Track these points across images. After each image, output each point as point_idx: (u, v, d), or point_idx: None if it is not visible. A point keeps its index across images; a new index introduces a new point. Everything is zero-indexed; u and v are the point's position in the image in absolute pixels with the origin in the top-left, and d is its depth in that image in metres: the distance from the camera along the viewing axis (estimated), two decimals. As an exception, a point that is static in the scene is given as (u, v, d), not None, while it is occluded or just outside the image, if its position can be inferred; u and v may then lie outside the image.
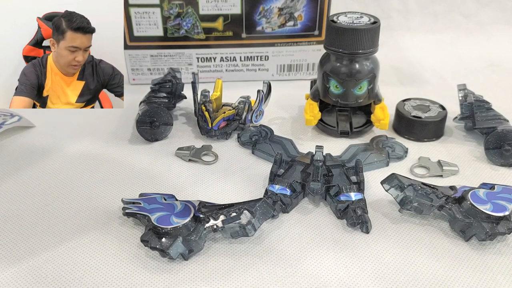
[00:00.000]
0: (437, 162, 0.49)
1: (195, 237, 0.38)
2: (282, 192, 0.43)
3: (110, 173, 0.48)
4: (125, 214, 0.40)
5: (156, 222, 0.38)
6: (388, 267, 0.37)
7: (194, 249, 0.38)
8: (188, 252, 0.37)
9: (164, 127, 0.53)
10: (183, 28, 0.63)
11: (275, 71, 0.68)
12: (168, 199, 0.41)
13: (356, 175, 0.45)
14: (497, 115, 0.52)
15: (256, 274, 0.36)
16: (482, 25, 0.81)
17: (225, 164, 0.50)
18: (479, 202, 0.39)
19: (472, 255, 0.38)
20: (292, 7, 0.62)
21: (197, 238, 0.38)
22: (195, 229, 0.38)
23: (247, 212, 0.38)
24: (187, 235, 0.37)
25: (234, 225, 0.38)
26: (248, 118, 0.54)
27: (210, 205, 0.41)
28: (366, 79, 0.51)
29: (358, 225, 0.40)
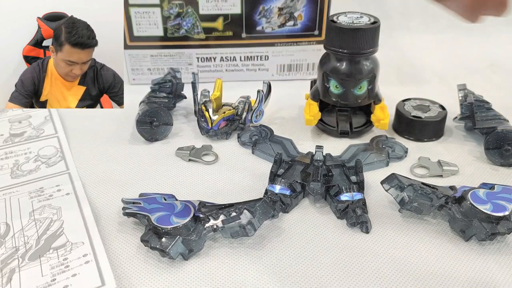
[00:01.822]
0: (437, 162, 0.49)
1: (195, 237, 0.38)
2: (282, 192, 0.43)
3: (110, 173, 0.48)
4: (125, 214, 0.40)
5: (156, 222, 0.38)
6: (388, 267, 0.37)
7: (194, 249, 0.38)
8: (188, 252, 0.37)
9: (164, 127, 0.53)
10: (183, 28, 0.63)
11: (275, 71, 0.68)
12: (168, 199, 0.41)
13: (356, 175, 0.45)
14: (497, 115, 0.52)
15: (256, 274, 0.36)
16: (482, 25, 0.81)
17: (225, 164, 0.50)
18: (479, 202, 0.39)
19: (472, 255, 0.38)
20: (292, 7, 0.62)
21: (197, 238, 0.38)
22: (195, 229, 0.38)
23: (247, 212, 0.38)
24: (187, 235, 0.37)
25: (234, 225, 0.38)
26: (248, 118, 0.54)
27: (210, 205, 0.41)
28: (366, 79, 0.51)
29: (358, 225, 0.40)
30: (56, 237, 0.39)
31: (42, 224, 0.41)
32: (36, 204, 0.43)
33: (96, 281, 0.35)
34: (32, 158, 0.50)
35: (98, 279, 0.35)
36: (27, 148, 0.52)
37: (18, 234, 0.40)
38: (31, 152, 0.51)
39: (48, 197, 0.44)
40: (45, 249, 0.38)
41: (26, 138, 0.54)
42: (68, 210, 0.42)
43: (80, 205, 0.43)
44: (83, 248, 0.38)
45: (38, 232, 0.40)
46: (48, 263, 0.37)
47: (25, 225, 0.41)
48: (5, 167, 0.49)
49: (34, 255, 0.37)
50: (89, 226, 0.40)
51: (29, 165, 0.49)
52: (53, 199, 0.44)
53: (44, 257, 0.37)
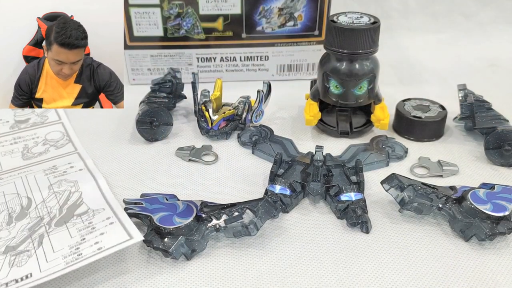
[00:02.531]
0: (437, 162, 0.49)
1: (198, 236, 0.38)
2: (282, 192, 0.43)
3: (110, 173, 0.48)
4: (127, 215, 0.40)
5: (159, 222, 0.38)
6: (388, 267, 0.37)
7: (197, 249, 0.38)
8: (190, 252, 0.37)
9: (164, 127, 0.53)
10: (183, 28, 0.63)
11: (275, 71, 0.68)
12: (170, 199, 0.41)
13: (356, 175, 0.45)
14: (497, 115, 0.52)
15: (257, 274, 0.36)
16: (482, 25, 0.81)
17: (225, 164, 0.50)
18: (479, 202, 0.39)
19: (472, 255, 0.38)
20: (292, 7, 0.62)
21: (199, 238, 0.38)
22: (197, 229, 0.38)
23: (250, 212, 0.38)
24: (189, 235, 0.37)
25: (236, 225, 0.38)
26: (248, 118, 0.54)
27: (212, 205, 0.40)
28: (366, 79, 0.51)
29: (358, 225, 0.40)
30: (77, 206, 0.41)
31: (61, 195, 0.43)
32: (52, 179, 0.45)
33: (124, 236, 0.37)
34: (40, 142, 0.52)
35: (126, 234, 0.37)
36: (34, 134, 0.54)
37: (41, 206, 0.41)
38: (38, 137, 0.53)
39: (62, 173, 0.46)
40: (69, 216, 0.40)
41: (32, 124, 0.56)
42: (84, 183, 0.45)
43: (95, 177, 0.45)
44: (105, 213, 0.40)
45: (59, 202, 0.42)
46: (75, 227, 0.38)
47: (46, 197, 0.43)
48: (15, 150, 0.51)
49: (60, 222, 0.39)
50: (106, 195, 0.43)
51: (38, 148, 0.51)
52: (68, 174, 0.46)
53: (70, 222, 0.39)
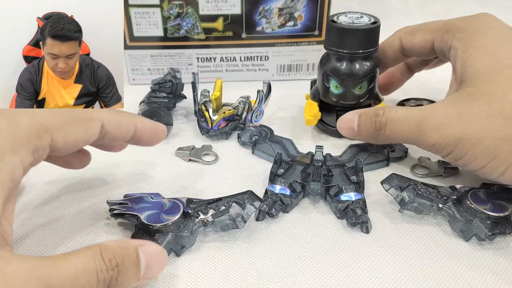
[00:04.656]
0: (437, 162, 0.49)
1: (187, 232, 0.38)
2: (282, 192, 0.43)
3: (110, 173, 0.48)
4: (112, 215, 0.40)
5: (147, 220, 0.38)
6: (388, 267, 0.37)
7: (186, 245, 0.38)
8: (180, 248, 0.37)
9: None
10: (183, 28, 0.63)
11: (275, 71, 0.68)
12: (154, 198, 0.41)
13: (356, 175, 0.45)
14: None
15: (256, 274, 0.36)
16: (482, 25, 0.81)
17: (225, 164, 0.50)
18: (479, 202, 0.39)
19: (472, 255, 0.38)
20: (292, 7, 0.62)
21: (188, 234, 0.38)
22: (185, 225, 0.38)
23: (236, 205, 0.39)
24: (178, 231, 0.38)
25: (224, 218, 0.38)
26: (248, 118, 0.54)
27: (197, 201, 0.41)
28: (366, 79, 0.51)
29: (358, 225, 0.40)
30: None
31: None
32: None
33: None
34: None
35: None
36: None
37: None
38: None
39: None
40: None
41: None
42: None
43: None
44: None
45: None
46: None
47: None
48: None
49: None
50: None
51: None
52: None
53: None
